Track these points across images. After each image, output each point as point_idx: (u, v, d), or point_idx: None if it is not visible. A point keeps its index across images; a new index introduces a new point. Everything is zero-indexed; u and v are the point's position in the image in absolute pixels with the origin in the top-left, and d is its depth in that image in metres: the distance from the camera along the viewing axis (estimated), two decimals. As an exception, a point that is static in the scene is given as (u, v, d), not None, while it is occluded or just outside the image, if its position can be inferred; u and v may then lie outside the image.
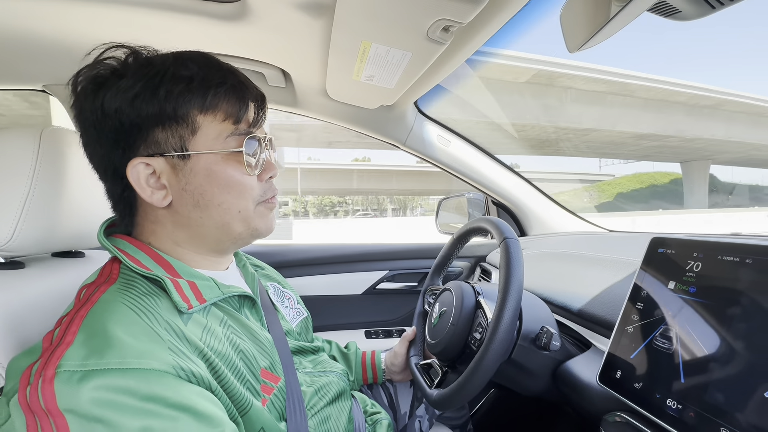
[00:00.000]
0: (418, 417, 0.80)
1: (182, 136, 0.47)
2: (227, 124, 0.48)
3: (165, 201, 0.48)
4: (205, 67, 0.48)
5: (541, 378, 0.65)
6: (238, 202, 0.50)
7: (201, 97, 0.47)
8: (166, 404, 0.36)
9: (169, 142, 0.47)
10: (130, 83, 0.45)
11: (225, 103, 0.48)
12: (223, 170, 0.48)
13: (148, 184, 0.47)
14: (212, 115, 0.48)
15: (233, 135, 0.49)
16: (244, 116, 0.50)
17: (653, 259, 0.54)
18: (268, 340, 0.54)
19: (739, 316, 0.42)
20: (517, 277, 0.57)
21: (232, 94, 0.49)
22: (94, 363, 0.35)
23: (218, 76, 0.48)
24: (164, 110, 0.46)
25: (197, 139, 0.47)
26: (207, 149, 0.48)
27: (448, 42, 0.59)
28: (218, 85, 0.48)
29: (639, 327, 0.51)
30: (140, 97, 0.45)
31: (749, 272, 0.43)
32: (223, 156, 0.48)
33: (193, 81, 0.46)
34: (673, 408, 0.43)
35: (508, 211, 1.28)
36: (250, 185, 0.50)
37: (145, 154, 0.47)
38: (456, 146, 1.15)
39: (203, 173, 0.48)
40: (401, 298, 1.25)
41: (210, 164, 0.48)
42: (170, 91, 0.46)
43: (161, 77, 0.46)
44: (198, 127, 0.47)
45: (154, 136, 0.46)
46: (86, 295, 0.43)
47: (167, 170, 0.47)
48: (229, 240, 0.52)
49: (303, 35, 0.69)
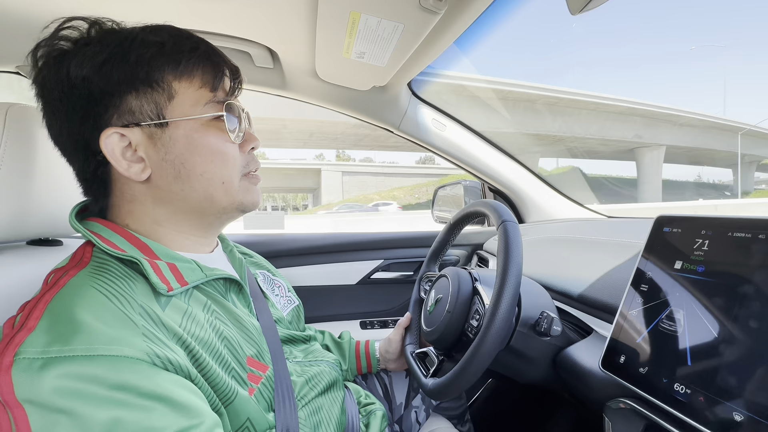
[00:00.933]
0: (414, 407, 0.78)
1: (158, 102, 0.44)
2: (204, 92, 0.46)
3: (143, 174, 0.45)
4: (176, 35, 0.46)
5: (541, 365, 0.63)
6: (221, 171, 0.47)
7: (174, 62, 0.44)
8: (139, 393, 0.33)
9: (144, 110, 0.44)
10: (96, 49, 0.43)
11: (200, 70, 0.46)
12: (204, 137, 0.46)
13: (124, 157, 0.44)
14: (188, 81, 0.45)
15: (212, 102, 0.47)
16: (220, 84, 0.48)
17: (658, 239, 0.52)
18: (256, 328, 0.51)
19: (751, 294, 0.39)
20: (516, 261, 0.54)
21: (206, 60, 0.47)
22: (58, 350, 0.33)
23: (190, 43, 0.46)
24: (136, 75, 0.43)
25: (174, 106, 0.45)
26: (186, 116, 0.45)
27: (443, 11, 0.56)
28: (191, 51, 0.45)
29: (643, 310, 0.49)
30: (109, 63, 0.42)
31: (763, 248, 0.40)
32: (204, 123, 0.46)
33: (164, 46, 0.44)
34: (681, 392, 0.41)
35: (505, 198, 1.25)
36: (232, 154, 0.48)
37: (120, 125, 0.44)
38: (452, 131, 1.11)
39: (183, 141, 0.45)
40: (397, 287, 1.23)
41: (190, 132, 0.46)
42: (141, 56, 0.43)
43: (130, 42, 0.43)
44: (174, 93, 0.45)
45: (127, 104, 0.44)
46: (54, 279, 0.41)
47: (144, 141, 0.45)
48: (213, 214, 0.50)
49: (289, 7, 0.65)
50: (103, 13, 0.47)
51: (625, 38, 78.51)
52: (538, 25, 69.62)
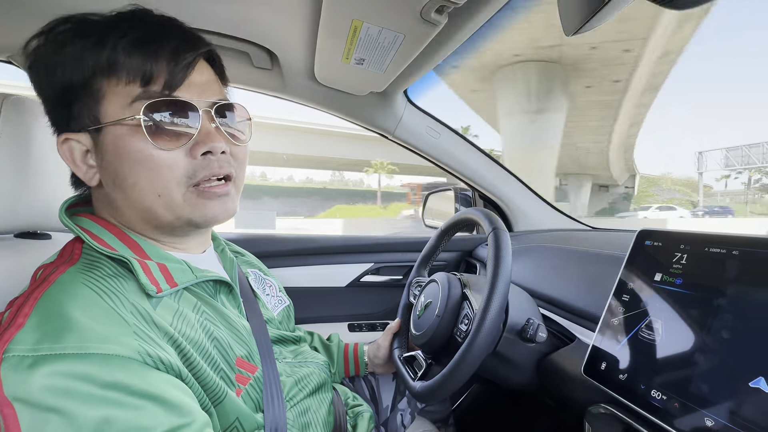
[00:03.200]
0: (400, 410, 0.79)
1: (90, 106, 0.42)
2: (133, 87, 0.40)
3: (94, 180, 0.45)
4: (113, 20, 0.41)
5: (526, 371, 0.65)
6: (152, 183, 0.42)
7: (101, 55, 0.40)
8: (130, 392, 0.33)
9: (83, 115, 0.42)
10: (56, 51, 0.42)
11: (128, 60, 0.40)
12: (129, 143, 0.41)
13: (83, 161, 0.44)
14: (116, 77, 0.40)
15: (140, 99, 0.40)
16: (155, 75, 0.41)
17: (640, 251, 0.54)
18: (246, 329, 0.51)
19: (724, 307, 0.42)
20: (506, 267, 0.56)
21: (135, 48, 0.40)
22: (48, 347, 0.33)
23: (122, 27, 0.40)
24: (71, 78, 0.40)
25: (104, 109, 0.41)
26: (112, 118, 0.41)
27: (442, 24, 0.57)
28: (119, 38, 0.40)
29: (624, 319, 0.51)
30: (60, 66, 0.41)
31: (736, 264, 0.43)
32: (130, 127, 0.40)
33: (89, 37, 0.40)
34: (658, 399, 0.43)
35: (495, 206, 1.28)
36: (166, 163, 0.41)
37: (75, 130, 0.43)
38: (445, 139, 1.13)
39: (111, 148, 0.42)
40: (386, 291, 1.24)
41: (117, 137, 0.41)
42: (72, 55, 0.41)
43: (71, 39, 0.41)
44: (102, 94, 0.41)
45: (74, 110, 0.43)
46: (43, 275, 0.40)
47: (91, 147, 0.44)
48: (165, 227, 0.46)
49: (292, 12, 0.66)
50: (99, 8, 0.45)
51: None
52: (530, 37, 69.26)
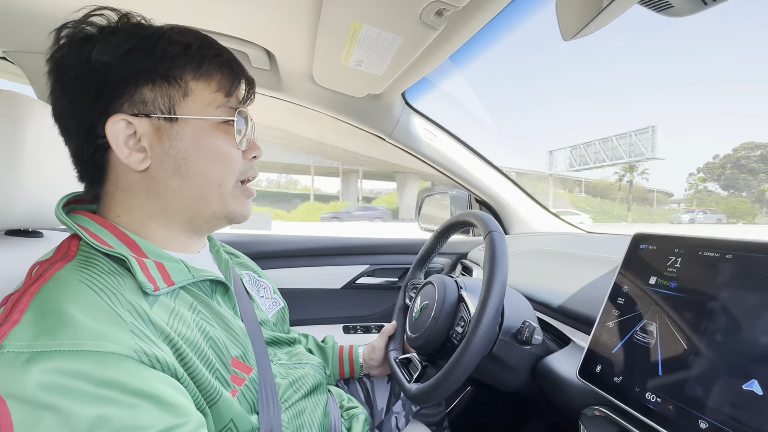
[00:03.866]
0: (394, 413, 0.78)
1: (172, 97, 0.46)
2: (219, 95, 0.48)
3: (143, 164, 0.46)
4: (202, 40, 0.49)
5: (521, 373, 0.65)
6: (221, 173, 0.49)
7: (196, 63, 0.47)
8: (126, 391, 0.33)
9: (157, 103, 0.45)
10: (123, 38, 0.44)
11: (219, 74, 0.48)
12: (211, 138, 0.48)
13: (126, 145, 0.45)
14: (205, 82, 0.48)
15: (224, 106, 0.49)
16: (236, 92, 0.50)
17: (635, 255, 0.55)
18: (241, 329, 0.51)
19: (718, 310, 0.42)
20: (502, 270, 0.56)
21: (226, 67, 0.49)
22: (44, 344, 0.32)
23: (214, 49, 0.49)
24: (157, 68, 0.45)
25: (187, 104, 0.47)
26: (197, 115, 0.47)
27: (441, 27, 0.58)
28: (215, 56, 0.48)
29: (619, 322, 0.52)
30: (133, 53, 0.44)
31: (729, 267, 0.43)
32: (213, 124, 0.48)
33: (190, 47, 0.47)
34: (653, 401, 0.43)
35: (491, 209, 1.28)
36: (235, 159, 0.50)
37: (129, 113, 0.45)
38: (442, 141, 1.14)
39: (190, 138, 0.47)
40: (381, 293, 1.24)
41: (198, 130, 0.47)
42: (166, 51, 0.45)
43: (158, 37, 0.45)
44: (190, 91, 0.47)
45: (141, 95, 0.45)
46: (39, 272, 0.40)
47: (150, 132, 0.46)
48: (202, 217, 0.50)
49: (291, 12, 0.66)
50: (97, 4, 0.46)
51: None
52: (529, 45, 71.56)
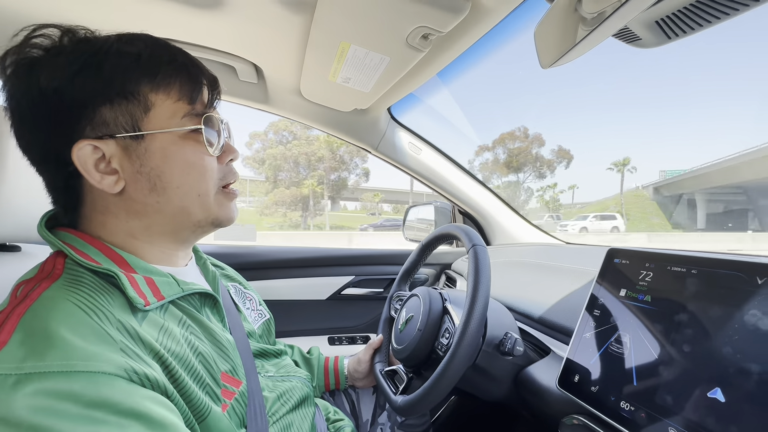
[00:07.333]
0: (380, 424, 0.79)
1: (133, 114, 0.43)
2: (182, 104, 0.46)
3: (117, 186, 0.44)
4: (152, 45, 0.45)
5: (503, 383, 0.66)
6: (198, 184, 0.47)
7: (151, 73, 0.44)
8: (115, 411, 0.33)
9: (119, 122, 0.43)
10: (69, 60, 0.41)
11: (178, 82, 0.45)
12: (182, 150, 0.46)
13: (97, 169, 0.43)
14: (165, 93, 0.45)
15: (189, 115, 0.46)
16: (199, 96, 0.47)
17: (609, 269, 0.58)
18: (230, 343, 0.51)
19: (685, 321, 0.45)
20: (485, 284, 0.58)
21: (184, 72, 0.46)
22: (32, 365, 0.32)
23: (168, 53, 0.46)
24: (111, 86, 0.42)
25: (150, 118, 0.44)
26: (163, 128, 0.45)
27: (427, 50, 0.60)
28: (169, 62, 0.45)
29: (596, 333, 0.54)
30: (83, 74, 0.41)
31: (694, 282, 0.46)
32: (181, 135, 0.46)
33: (140, 57, 0.43)
34: (627, 410, 0.45)
35: (474, 221, 1.31)
36: (210, 167, 0.48)
37: (93, 137, 0.43)
38: (426, 155, 1.16)
39: (160, 154, 0.45)
40: (366, 304, 1.24)
41: (167, 144, 0.45)
42: (116, 67, 0.42)
43: (105, 53, 0.42)
44: (151, 104, 0.44)
45: (101, 116, 0.43)
46: (24, 291, 0.39)
47: (118, 153, 0.44)
48: (188, 228, 0.49)
49: (280, 30, 0.67)
50: (81, 21, 0.45)
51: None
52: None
